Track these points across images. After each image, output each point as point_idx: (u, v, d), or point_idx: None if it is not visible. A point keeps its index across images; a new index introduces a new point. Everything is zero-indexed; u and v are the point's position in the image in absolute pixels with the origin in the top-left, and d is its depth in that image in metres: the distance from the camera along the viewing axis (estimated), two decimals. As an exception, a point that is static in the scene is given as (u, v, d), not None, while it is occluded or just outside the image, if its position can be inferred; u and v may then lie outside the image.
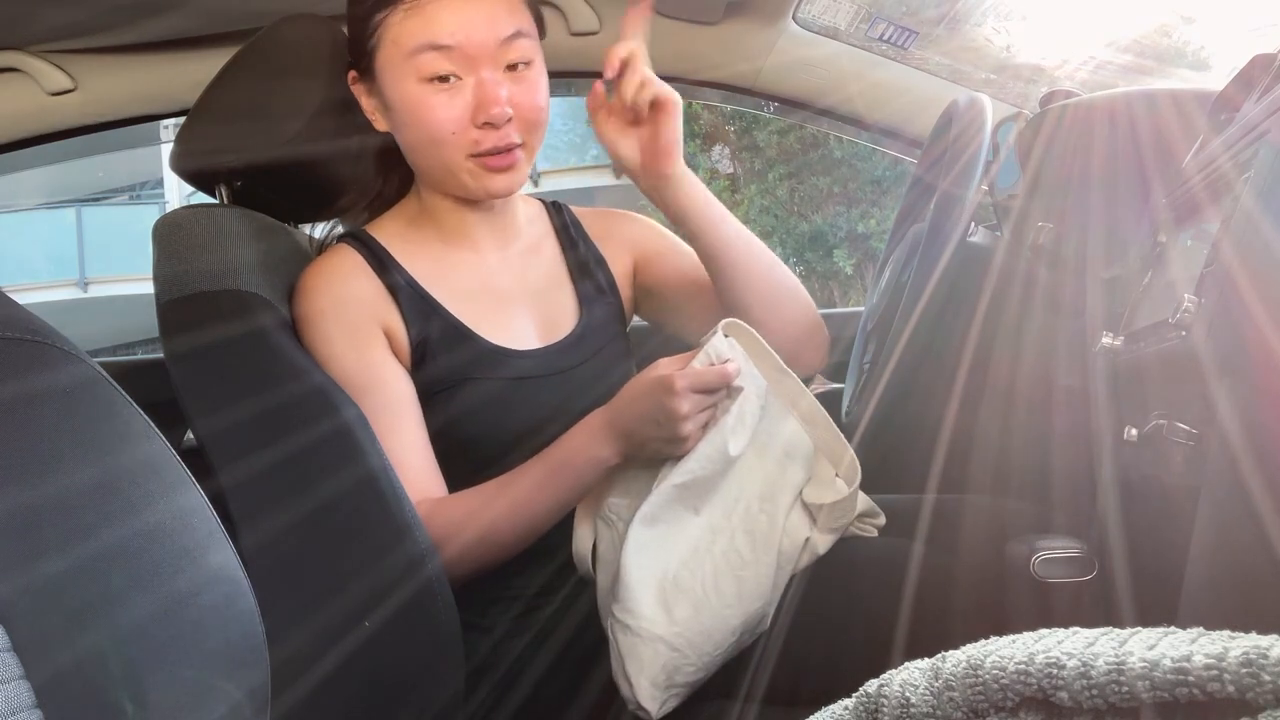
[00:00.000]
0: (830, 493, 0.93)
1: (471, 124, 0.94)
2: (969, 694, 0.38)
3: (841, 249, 8.70)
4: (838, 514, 0.94)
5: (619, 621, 0.85)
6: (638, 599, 0.85)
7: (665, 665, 0.84)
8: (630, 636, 0.85)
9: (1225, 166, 0.68)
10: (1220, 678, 0.31)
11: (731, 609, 0.88)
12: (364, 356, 0.97)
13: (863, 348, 1.25)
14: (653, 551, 0.88)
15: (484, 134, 0.95)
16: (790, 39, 1.54)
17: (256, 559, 0.84)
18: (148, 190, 12.39)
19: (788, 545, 0.92)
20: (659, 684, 0.84)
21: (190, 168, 1.06)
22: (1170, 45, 2.10)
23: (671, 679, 0.85)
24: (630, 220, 1.19)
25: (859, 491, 0.96)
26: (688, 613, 0.86)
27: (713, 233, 1.04)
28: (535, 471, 0.94)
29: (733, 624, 0.88)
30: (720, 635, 0.87)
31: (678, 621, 0.85)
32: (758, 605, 0.90)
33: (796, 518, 0.93)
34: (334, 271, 1.00)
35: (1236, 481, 0.55)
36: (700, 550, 0.89)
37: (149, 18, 1.34)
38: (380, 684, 0.87)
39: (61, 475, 0.39)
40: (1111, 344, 0.77)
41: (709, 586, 0.88)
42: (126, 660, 0.39)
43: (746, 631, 0.90)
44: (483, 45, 0.93)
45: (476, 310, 1.04)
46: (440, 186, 1.03)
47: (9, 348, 0.40)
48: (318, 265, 1.01)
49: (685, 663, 0.85)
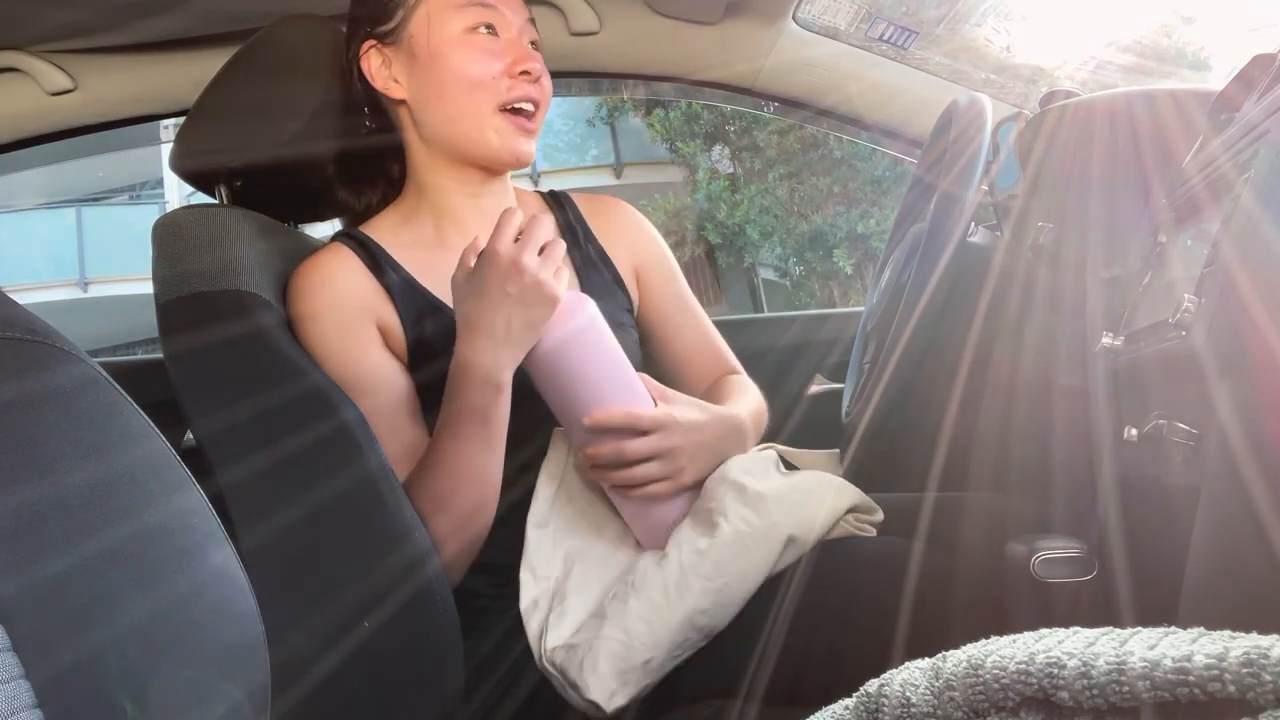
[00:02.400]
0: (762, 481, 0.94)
1: (506, 75, 1.01)
2: (970, 694, 0.38)
3: (841, 249, 8.71)
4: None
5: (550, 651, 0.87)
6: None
7: (611, 653, 0.84)
8: (566, 651, 0.86)
9: (1225, 166, 0.68)
10: (1221, 678, 0.31)
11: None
12: (360, 355, 0.98)
13: (863, 348, 1.25)
14: (547, 554, 0.92)
15: (516, 83, 1.01)
16: (790, 39, 1.54)
17: (256, 559, 0.84)
18: (148, 190, 12.39)
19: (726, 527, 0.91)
20: (612, 674, 0.84)
21: (190, 168, 1.06)
22: (1170, 45, 2.10)
23: (623, 670, 0.84)
24: (631, 218, 1.20)
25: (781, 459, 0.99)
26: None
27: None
28: (443, 425, 0.92)
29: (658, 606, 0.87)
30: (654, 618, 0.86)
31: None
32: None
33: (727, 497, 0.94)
34: (327, 270, 1.00)
35: (1236, 481, 0.55)
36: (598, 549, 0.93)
37: (149, 18, 1.34)
38: (380, 684, 0.87)
39: (61, 475, 0.39)
40: (1111, 344, 0.77)
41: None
42: (126, 660, 0.39)
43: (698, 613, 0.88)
44: (517, 13, 1.04)
45: None
46: (457, 148, 1.03)
47: (9, 348, 0.40)
48: (310, 264, 1.01)
49: (634, 653, 0.85)
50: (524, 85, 1.01)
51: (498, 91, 1.01)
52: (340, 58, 1.07)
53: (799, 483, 0.97)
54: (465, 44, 1.00)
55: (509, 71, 1.01)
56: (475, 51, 1.00)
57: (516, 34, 1.03)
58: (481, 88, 1.00)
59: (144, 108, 1.53)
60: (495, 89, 1.00)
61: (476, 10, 1.01)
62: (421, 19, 1.01)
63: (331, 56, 1.06)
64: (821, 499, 0.96)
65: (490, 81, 1.00)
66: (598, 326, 0.93)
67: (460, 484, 0.92)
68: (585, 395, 0.91)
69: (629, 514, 0.97)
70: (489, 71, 1.00)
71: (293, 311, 0.98)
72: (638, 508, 0.96)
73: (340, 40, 1.08)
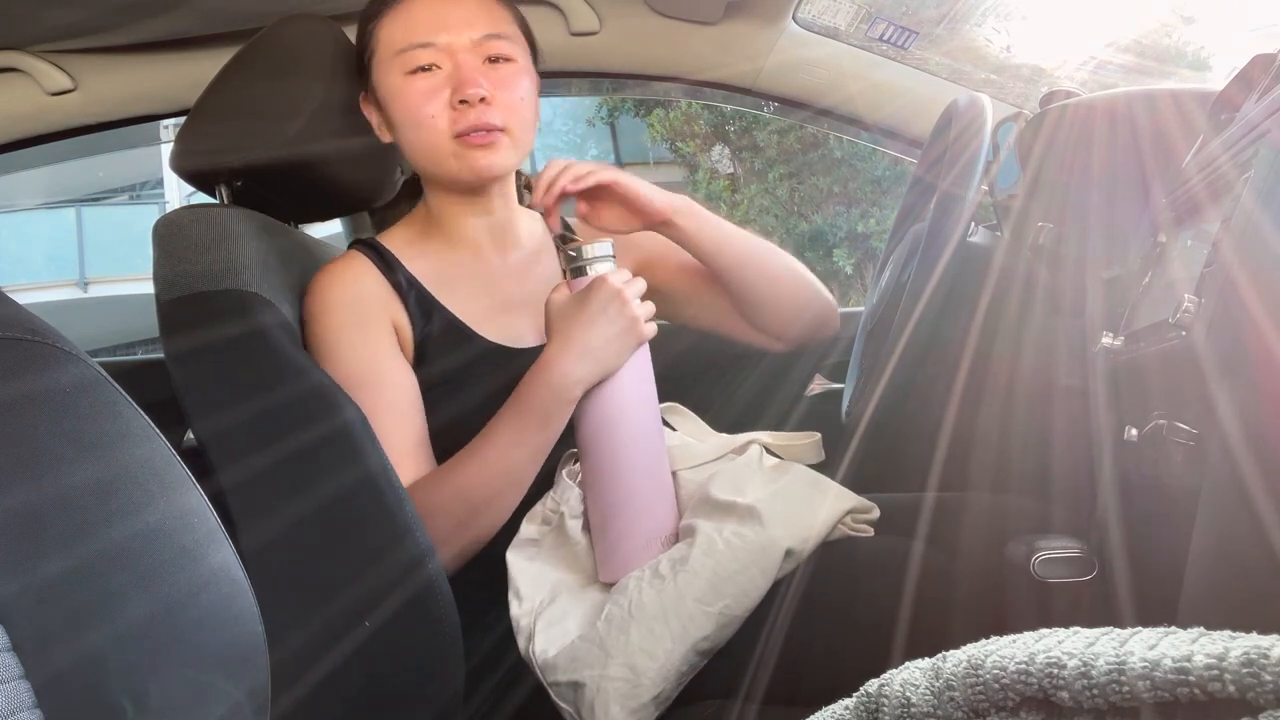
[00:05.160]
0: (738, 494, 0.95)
1: (450, 106, 1.01)
2: (970, 694, 0.38)
3: (841, 249, 8.71)
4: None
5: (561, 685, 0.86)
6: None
7: (620, 694, 0.83)
8: (573, 690, 0.85)
9: (1225, 166, 0.68)
10: (1221, 678, 0.31)
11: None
12: (374, 351, 1.01)
13: (863, 348, 1.25)
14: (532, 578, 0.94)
15: (461, 112, 1.01)
16: (790, 39, 1.54)
17: (256, 559, 0.84)
18: (148, 190, 12.39)
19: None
20: (624, 715, 0.83)
21: (190, 168, 1.06)
22: (1170, 45, 2.10)
23: (635, 709, 0.84)
24: (628, 242, 1.22)
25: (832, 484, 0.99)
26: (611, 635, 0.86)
27: (723, 257, 1.11)
28: (503, 422, 0.96)
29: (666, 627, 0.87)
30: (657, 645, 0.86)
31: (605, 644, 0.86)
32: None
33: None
34: (345, 272, 1.05)
35: (1236, 481, 0.55)
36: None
37: (149, 18, 1.34)
38: (380, 684, 0.87)
39: (61, 475, 0.39)
40: (1111, 344, 0.77)
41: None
42: (126, 660, 0.39)
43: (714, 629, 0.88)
44: (458, 37, 1.02)
45: (478, 311, 1.08)
46: (434, 177, 1.07)
47: (9, 348, 0.40)
48: (329, 268, 1.05)
49: (642, 680, 0.84)
50: (469, 114, 1.00)
51: (444, 126, 1.01)
52: (340, 58, 1.08)
53: (788, 490, 0.97)
54: (405, 90, 1.02)
55: (451, 103, 1.01)
56: (413, 96, 1.02)
57: (461, 60, 1.01)
58: (426, 126, 1.02)
59: (144, 108, 1.53)
60: (441, 124, 1.01)
61: (411, 53, 1.02)
62: (379, 72, 1.05)
63: (331, 56, 1.07)
64: (812, 506, 0.95)
65: (432, 119, 1.01)
66: (651, 381, 1.00)
67: (493, 480, 0.95)
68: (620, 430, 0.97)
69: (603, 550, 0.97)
70: (430, 110, 1.01)
71: (311, 308, 1.02)
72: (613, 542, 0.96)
73: (340, 40, 1.09)
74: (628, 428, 0.96)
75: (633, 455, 0.96)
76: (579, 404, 0.96)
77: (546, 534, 0.99)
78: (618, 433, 0.96)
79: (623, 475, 0.95)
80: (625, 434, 0.96)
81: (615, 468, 0.95)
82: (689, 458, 1.04)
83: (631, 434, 0.96)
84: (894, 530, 1.01)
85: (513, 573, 0.95)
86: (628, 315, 0.94)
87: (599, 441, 0.96)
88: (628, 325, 0.94)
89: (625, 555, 0.94)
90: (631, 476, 0.95)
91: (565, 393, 0.93)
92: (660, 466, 0.99)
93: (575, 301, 0.95)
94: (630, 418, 0.97)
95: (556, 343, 0.95)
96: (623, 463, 0.96)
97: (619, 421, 0.96)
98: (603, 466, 0.96)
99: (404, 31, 1.02)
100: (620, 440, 0.96)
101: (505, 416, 0.96)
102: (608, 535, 0.96)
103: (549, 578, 0.96)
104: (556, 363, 0.94)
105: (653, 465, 0.97)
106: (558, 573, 0.96)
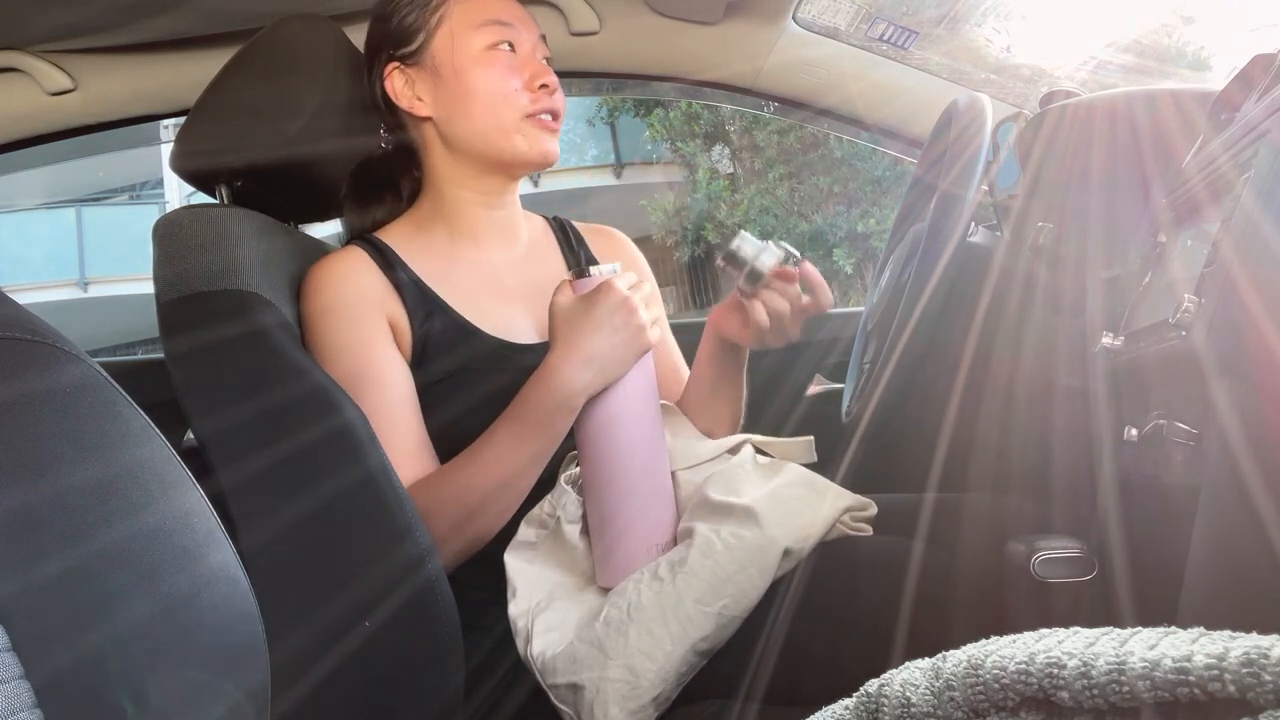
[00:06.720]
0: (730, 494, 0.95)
1: (526, 89, 1.06)
2: (970, 694, 0.38)
3: (841, 249, 8.70)
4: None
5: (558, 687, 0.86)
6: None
7: (620, 696, 0.83)
8: (573, 692, 0.85)
9: (1225, 166, 0.68)
10: (1221, 678, 0.31)
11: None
12: (370, 349, 1.00)
13: (863, 348, 1.25)
14: (529, 583, 0.93)
15: (539, 96, 1.07)
16: (790, 39, 1.54)
17: (256, 559, 0.84)
18: (148, 190, 12.39)
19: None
20: (623, 717, 0.83)
21: (190, 168, 1.06)
22: (1170, 45, 2.10)
23: (634, 710, 0.84)
24: (625, 246, 1.26)
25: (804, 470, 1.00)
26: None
27: (720, 392, 1.14)
28: (503, 427, 0.95)
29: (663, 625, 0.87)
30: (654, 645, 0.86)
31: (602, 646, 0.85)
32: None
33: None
34: (342, 268, 1.04)
35: (1236, 481, 0.55)
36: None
37: (149, 18, 1.34)
38: (380, 684, 0.87)
39: (61, 475, 0.39)
40: (1111, 344, 0.77)
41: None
42: (126, 660, 0.39)
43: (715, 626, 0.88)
44: (530, 32, 1.10)
45: (480, 307, 1.08)
46: (485, 154, 1.08)
47: (9, 348, 0.40)
48: (326, 263, 1.04)
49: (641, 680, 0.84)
50: (544, 98, 1.07)
51: (521, 104, 1.06)
52: (340, 58, 1.08)
53: (785, 490, 0.96)
54: (487, 60, 1.06)
55: (529, 85, 1.06)
56: (497, 68, 1.06)
57: (531, 50, 1.09)
58: (506, 101, 1.06)
59: (144, 108, 1.53)
60: (518, 102, 1.06)
61: (496, 29, 1.06)
62: (444, 39, 1.06)
63: (331, 56, 1.07)
64: (809, 505, 0.95)
65: (513, 95, 1.06)
66: (654, 382, 1.00)
67: (492, 483, 0.94)
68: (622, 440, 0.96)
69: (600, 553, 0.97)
70: (511, 86, 1.06)
71: (307, 306, 1.01)
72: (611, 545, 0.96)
73: (340, 40, 1.09)
74: (628, 432, 0.96)
75: (633, 459, 0.96)
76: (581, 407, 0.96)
77: (543, 538, 0.99)
78: (618, 437, 0.96)
79: (622, 479, 0.95)
80: (626, 438, 0.96)
81: (615, 472, 0.95)
82: (687, 458, 1.04)
83: (632, 438, 0.96)
84: (894, 530, 1.01)
85: (511, 574, 0.95)
86: (634, 324, 0.94)
87: (599, 445, 0.96)
88: (634, 334, 0.94)
89: (623, 558, 0.94)
90: (631, 480, 0.95)
91: (568, 400, 0.93)
92: (660, 470, 0.98)
93: (581, 306, 0.94)
94: (631, 422, 0.96)
95: (560, 349, 0.94)
96: (623, 466, 0.95)
97: (620, 426, 0.96)
98: (602, 470, 0.96)
99: (485, 8, 1.07)
100: (621, 444, 0.96)
101: (506, 421, 0.95)
102: (606, 538, 0.95)
103: (547, 579, 0.95)
104: (560, 370, 0.93)
105: (653, 469, 0.97)
106: (556, 575, 0.96)
